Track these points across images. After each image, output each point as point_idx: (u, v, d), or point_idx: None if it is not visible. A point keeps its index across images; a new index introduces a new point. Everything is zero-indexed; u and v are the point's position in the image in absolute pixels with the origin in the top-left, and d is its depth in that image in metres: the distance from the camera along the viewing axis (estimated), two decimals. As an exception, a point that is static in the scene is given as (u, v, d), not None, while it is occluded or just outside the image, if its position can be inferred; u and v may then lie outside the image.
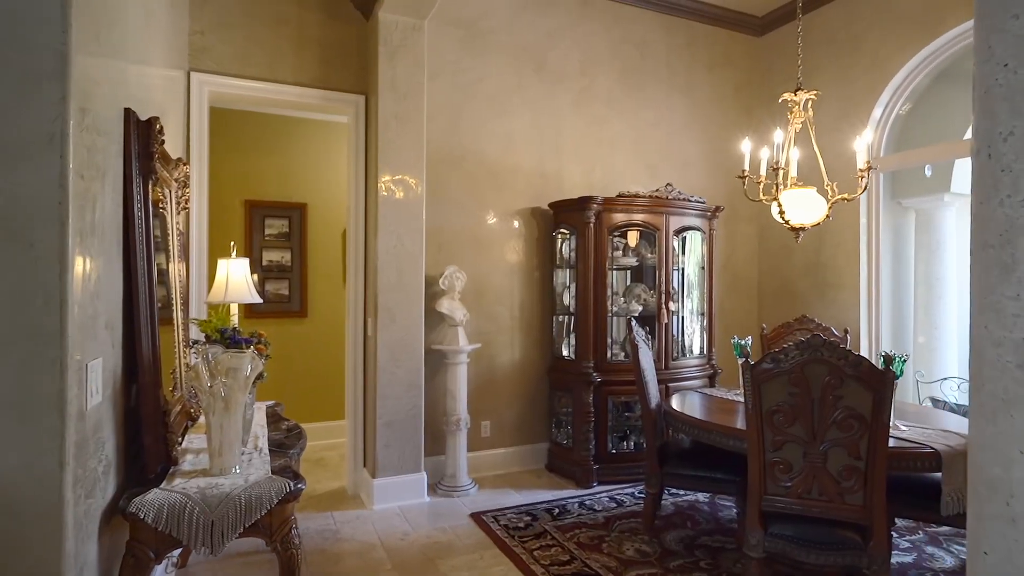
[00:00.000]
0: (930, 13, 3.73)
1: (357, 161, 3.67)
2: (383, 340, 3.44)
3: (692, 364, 4.10)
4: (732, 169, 4.86)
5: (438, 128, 3.82)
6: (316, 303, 4.89)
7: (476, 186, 3.96)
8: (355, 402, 3.70)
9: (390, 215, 3.44)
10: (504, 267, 4.06)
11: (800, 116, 2.87)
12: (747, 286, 4.97)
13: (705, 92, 4.77)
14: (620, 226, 3.90)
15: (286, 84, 3.41)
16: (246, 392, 1.78)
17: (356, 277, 3.70)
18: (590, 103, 4.32)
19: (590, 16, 4.31)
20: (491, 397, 4.02)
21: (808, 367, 2.07)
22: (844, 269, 4.30)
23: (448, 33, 3.87)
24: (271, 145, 4.72)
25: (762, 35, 4.96)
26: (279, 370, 4.28)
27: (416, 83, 3.46)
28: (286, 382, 4.58)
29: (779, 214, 2.82)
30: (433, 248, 3.78)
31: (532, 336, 4.15)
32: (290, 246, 4.81)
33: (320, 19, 3.50)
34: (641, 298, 4.11)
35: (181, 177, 2.32)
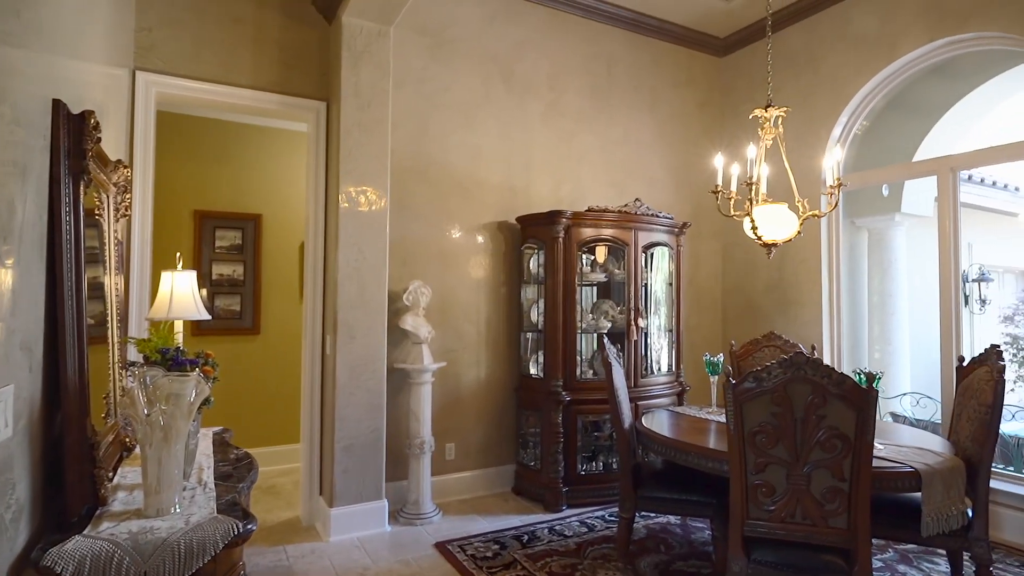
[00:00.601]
0: (886, 38, 3.85)
1: (317, 170, 3.49)
2: (343, 358, 3.24)
3: (660, 382, 4.04)
4: (696, 186, 4.89)
5: (403, 137, 3.69)
6: (270, 319, 4.63)
7: (442, 198, 3.83)
8: (311, 425, 3.47)
9: (352, 227, 3.27)
10: (471, 282, 3.93)
11: (771, 132, 2.87)
12: (711, 303, 4.98)
13: (670, 109, 4.80)
14: (589, 241, 3.84)
15: (241, 87, 3.21)
16: (189, 420, 1.58)
17: (314, 292, 3.49)
18: (559, 117, 4.27)
19: (558, 30, 4.28)
20: (456, 418, 3.86)
21: (791, 386, 2.01)
22: (806, 286, 4.34)
23: (414, 41, 3.76)
24: (224, 153, 4.48)
25: (723, 56, 5.04)
26: (228, 392, 4.01)
27: (381, 90, 3.32)
28: (236, 405, 4.30)
29: (751, 230, 2.80)
30: (397, 262, 3.62)
31: (499, 354, 4.02)
32: (243, 259, 4.55)
33: (280, 20, 3.33)
34: (609, 315, 4.04)
35: (121, 181, 2.11)
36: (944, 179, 3.69)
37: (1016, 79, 4.17)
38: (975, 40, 3.47)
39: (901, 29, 3.76)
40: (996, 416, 2.32)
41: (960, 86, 4.59)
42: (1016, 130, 4.69)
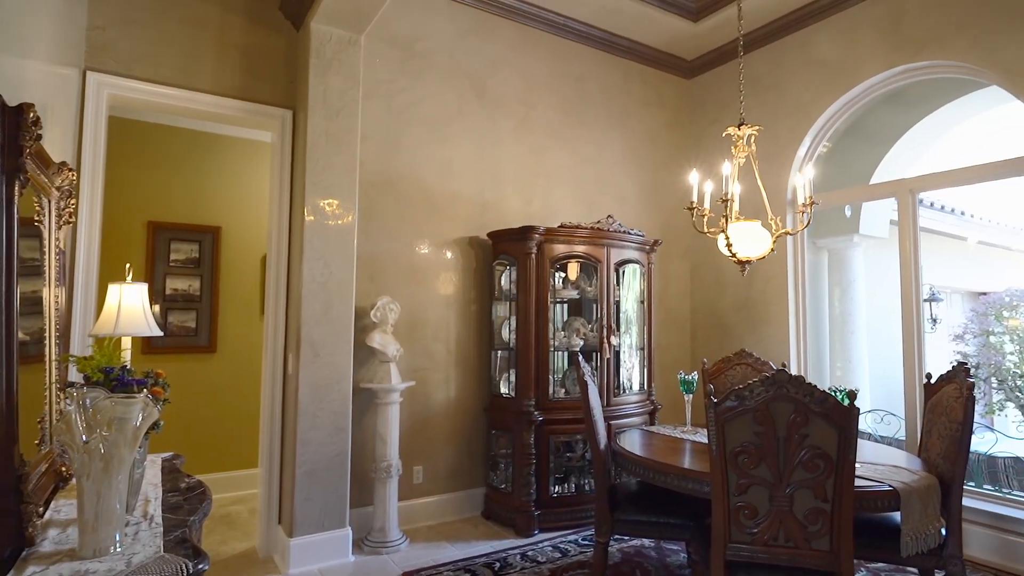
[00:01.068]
0: (847, 64, 3.97)
1: (281, 181, 3.35)
2: (306, 378, 3.08)
3: (633, 401, 3.99)
4: (665, 205, 4.93)
5: (373, 149, 3.59)
6: (228, 337, 4.41)
7: (412, 212, 3.73)
8: (271, 449, 3.28)
9: (318, 241, 3.14)
10: (441, 299, 3.82)
11: (743, 150, 2.89)
12: (680, 321, 4.99)
13: (640, 128, 4.84)
14: (561, 257, 3.79)
15: (202, 92, 3.07)
16: (135, 446, 1.43)
17: (276, 308, 3.33)
18: (530, 133, 4.24)
19: (531, 46, 4.27)
20: (425, 439, 3.71)
21: (773, 404, 1.97)
22: (774, 305, 4.39)
23: (385, 52, 3.68)
24: (182, 162, 4.28)
25: (691, 78, 5.13)
26: (181, 415, 3.78)
27: (350, 100, 3.22)
28: (189, 428, 4.06)
29: (726, 247, 2.79)
30: (364, 277, 3.49)
31: (469, 372, 3.90)
32: (199, 273, 4.33)
33: (244, 24, 3.21)
34: (581, 332, 3.99)
35: (66, 185, 1.94)
36: (904, 200, 3.80)
37: (964, 107, 4.36)
38: (930, 68, 3.61)
39: (861, 56, 3.89)
40: (967, 433, 2.34)
41: (912, 114, 4.78)
42: (966, 155, 4.89)
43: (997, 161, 3.38)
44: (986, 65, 3.30)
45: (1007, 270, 8.25)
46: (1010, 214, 7.87)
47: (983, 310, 6.46)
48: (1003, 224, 7.87)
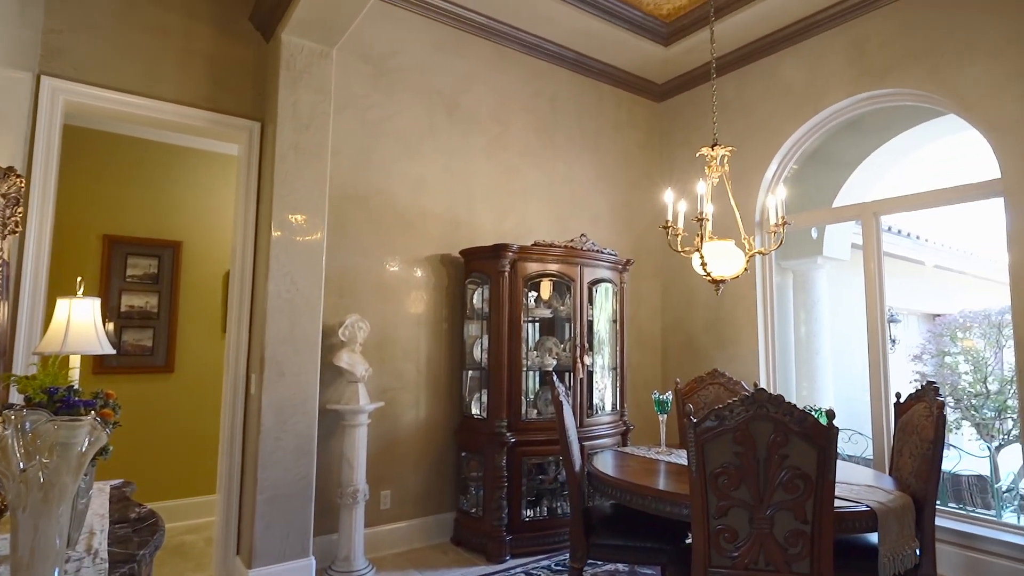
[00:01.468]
0: (813, 90, 4.09)
1: (247, 195, 3.24)
2: (269, 399, 2.95)
3: (605, 421, 3.95)
4: (637, 225, 4.97)
5: (343, 164, 3.51)
6: (186, 356, 4.21)
7: (383, 229, 3.66)
8: (230, 474, 3.11)
9: (285, 256, 3.03)
10: (411, 317, 3.73)
11: (717, 170, 2.91)
12: (652, 341, 5.00)
13: (612, 149, 4.88)
14: (535, 276, 3.75)
15: (165, 101, 2.96)
16: (79, 474, 1.31)
17: (239, 326, 3.19)
18: (503, 151, 4.23)
19: (504, 65, 4.28)
20: (393, 463, 3.59)
21: (753, 424, 1.95)
22: (743, 325, 4.43)
23: (357, 67, 3.63)
24: (142, 174, 4.11)
25: (661, 100, 5.23)
26: (133, 438, 3.58)
27: (321, 113, 3.15)
28: (142, 452, 3.84)
29: (701, 266, 2.80)
30: (333, 294, 3.38)
31: (440, 393, 3.81)
32: (158, 290, 4.14)
33: (212, 34, 3.12)
34: (553, 352, 3.94)
35: (12, 192, 1.82)
36: (868, 223, 3.90)
37: (922, 134, 4.54)
38: (892, 95, 3.74)
39: (826, 82, 4.01)
40: (938, 452, 2.36)
41: (872, 140, 4.95)
42: (924, 181, 5.08)
43: (957, 186, 3.51)
44: (943, 94, 3.44)
45: (960, 293, 8.58)
46: (963, 239, 8.21)
47: (939, 331, 6.68)
48: (956, 249, 8.20)
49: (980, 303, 7.24)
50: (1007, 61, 3.21)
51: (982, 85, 3.30)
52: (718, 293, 2.89)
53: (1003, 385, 6.07)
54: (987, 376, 6.13)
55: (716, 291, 2.87)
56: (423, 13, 3.89)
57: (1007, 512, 3.60)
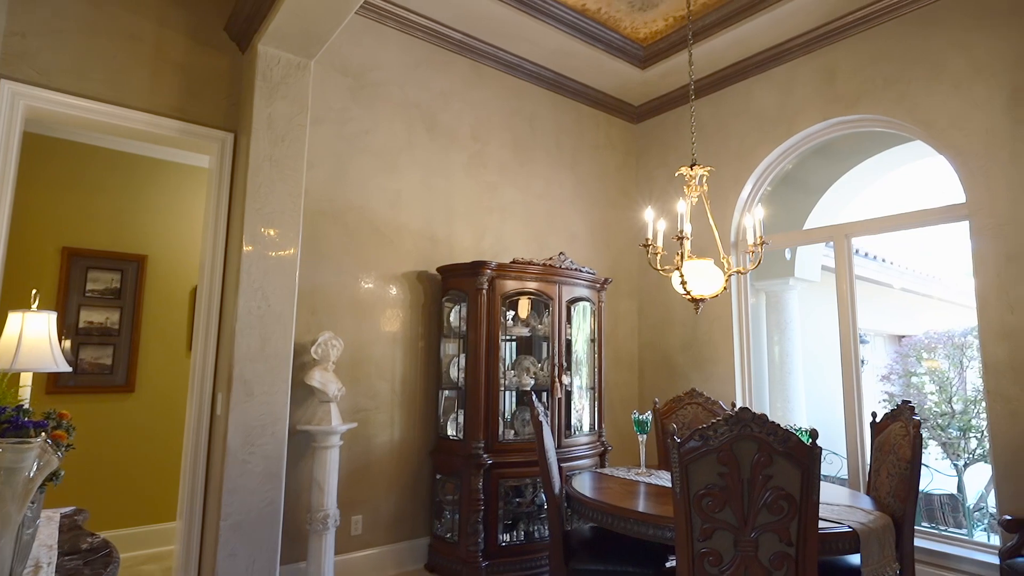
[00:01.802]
0: (785, 114, 4.18)
1: (218, 208, 3.14)
2: (236, 419, 2.82)
3: (583, 442, 3.90)
4: (614, 244, 4.98)
5: (320, 178, 3.44)
6: (148, 375, 4.03)
7: (359, 244, 3.58)
8: (192, 499, 2.96)
9: (256, 271, 2.93)
10: (386, 335, 3.64)
11: (696, 190, 2.93)
12: (629, 360, 4.99)
13: (590, 169, 4.91)
14: (513, 294, 3.71)
15: (135, 109, 2.86)
16: (25, 501, 1.20)
17: (206, 344, 3.06)
18: (482, 168, 4.21)
19: (483, 82, 4.29)
20: (366, 486, 3.47)
21: (737, 444, 1.92)
22: (720, 344, 4.45)
23: (335, 80, 3.58)
24: (106, 184, 3.97)
25: (637, 122, 5.29)
26: (88, 462, 3.40)
27: (297, 125, 3.08)
28: (98, 477, 3.64)
29: (681, 284, 2.79)
30: (306, 311, 3.28)
31: (415, 413, 3.71)
32: (120, 305, 3.97)
33: (186, 43, 3.05)
34: (531, 371, 3.89)
35: (-38, 199, 1.71)
36: (840, 244, 3.97)
37: (891, 159, 4.68)
38: (862, 121, 3.85)
39: (798, 107, 4.11)
40: (916, 471, 2.37)
41: (840, 166, 5.09)
42: (892, 204, 5.23)
43: (924, 209, 3.60)
44: (911, 121, 3.55)
45: (923, 314, 8.83)
46: (926, 262, 8.47)
47: (906, 351, 6.84)
48: (920, 272, 8.45)
49: (943, 325, 7.46)
50: (970, 91, 3.33)
51: (947, 113, 3.41)
52: (698, 312, 2.88)
53: (967, 405, 6.22)
54: (952, 396, 6.28)
55: (696, 310, 2.87)
56: (402, 29, 3.88)
57: (978, 531, 3.65)
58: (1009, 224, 3.17)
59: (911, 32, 3.60)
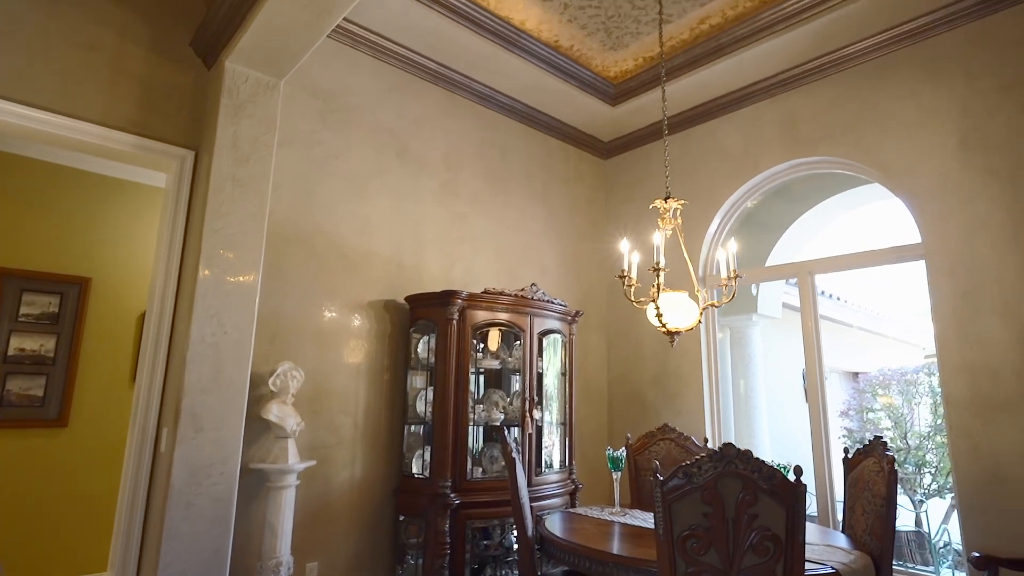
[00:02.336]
0: (750, 154, 4.30)
1: (174, 228, 2.97)
2: (183, 457, 2.59)
3: (554, 480, 3.77)
4: (583, 277, 4.97)
5: (286, 201, 3.31)
6: (85, 408, 3.73)
7: (325, 271, 3.43)
8: (127, 547, 2.69)
9: (213, 296, 2.75)
10: (350, 366, 3.47)
11: (670, 223, 2.93)
12: (598, 394, 4.92)
13: (560, 202, 4.91)
14: (483, 325, 3.61)
15: (87, 122, 2.69)
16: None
17: (152, 373, 2.84)
18: (453, 198, 4.15)
19: (456, 111, 4.26)
20: (322, 529, 3.23)
21: (722, 481, 1.86)
22: (689, 378, 4.44)
23: (305, 102, 3.49)
24: (48, 200, 3.72)
25: (606, 158, 5.36)
26: (9, 505, 3.06)
27: (263, 145, 2.96)
28: (19, 522, 3.29)
29: (656, 317, 2.76)
30: (264, 340, 3.10)
31: (378, 450, 3.52)
32: (57, 331, 3.69)
33: (146, 56, 2.91)
34: (500, 405, 3.77)
35: None
36: (803, 281, 4.05)
37: (849, 200, 4.86)
38: (823, 163, 3.98)
39: (763, 148, 4.23)
40: (892, 509, 2.35)
41: (799, 206, 5.27)
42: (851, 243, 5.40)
43: (884, 248, 3.71)
44: (869, 163, 3.68)
45: (875, 352, 9.12)
46: (877, 302, 8.79)
47: (862, 388, 7.00)
48: (872, 310, 8.76)
49: (894, 362, 7.70)
50: (923, 137, 3.49)
51: (902, 157, 3.56)
52: (673, 345, 2.85)
53: (921, 440, 6.38)
54: (907, 432, 6.43)
55: (671, 343, 2.83)
56: (375, 55, 3.84)
57: (944, 568, 3.66)
58: (962, 263, 3.28)
59: (866, 81, 3.78)
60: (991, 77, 3.27)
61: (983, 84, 3.30)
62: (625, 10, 3.82)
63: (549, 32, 4.00)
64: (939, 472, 6.16)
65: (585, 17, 3.88)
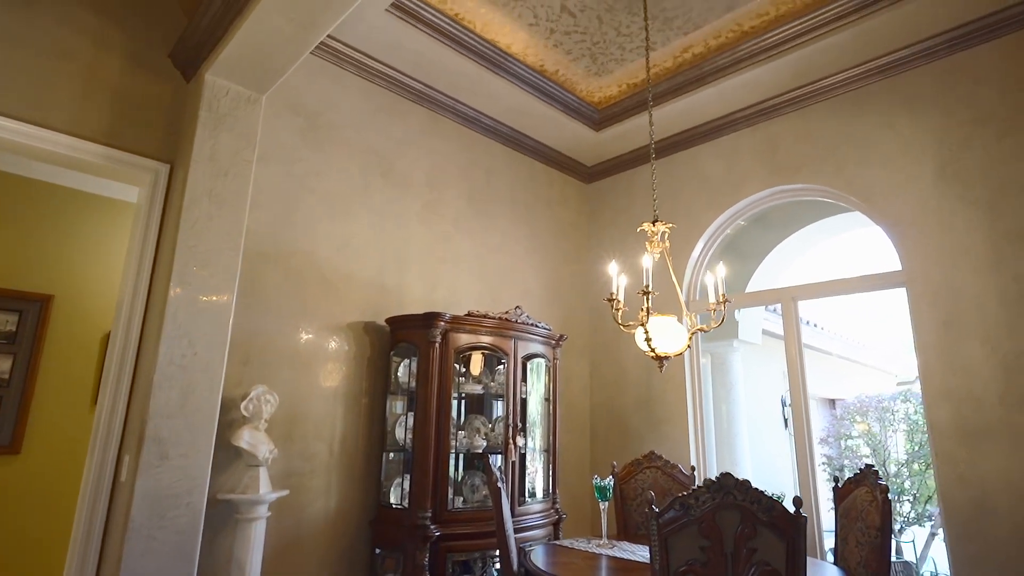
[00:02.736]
0: (731, 181, 4.34)
1: (145, 244, 2.83)
2: (145, 486, 2.42)
3: (537, 510, 3.64)
4: (566, 301, 4.92)
5: (263, 218, 3.20)
6: (40, 433, 3.51)
7: (303, 291, 3.32)
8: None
9: (184, 316, 2.62)
10: (327, 390, 3.34)
11: (658, 246, 2.91)
12: (580, 421, 4.83)
13: (544, 225, 4.89)
14: (467, 348, 3.52)
15: (56, 131, 2.57)
16: None
17: (115, 397, 2.68)
18: (437, 219, 4.09)
19: (441, 133, 4.23)
20: (294, 564, 3.06)
21: (720, 513, 1.78)
22: (674, 404, 4.38)
23: (287, 119, 3.42)
24: (7, 214, 3.55)
25: (589, 183, 5.37)
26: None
27: (243, 160, 2.87)
28: (-40, 557, 3.05)
29: (645, 341, 2.70)
30: (237, 362, 2.96)
31: (355, 478, 3.37)
32: (13, 352, 3.48)
33: (123, 66, 2.81)
34: (482, 431, 3.66)
35: None
36: (787, 307, 4.06)
37: (826, 227, 4.94)
38: (804, 190, 4.02)
39: (744, 175, 4.27)
40: (887, 540, 2.30)
41: (777, 234, 5.33)
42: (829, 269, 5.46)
43: (865, 275, 3.74)
44: (849, 191, 3.73)
45: (850, 379, 9.23)
46: (852, 330, 8.92)
47: (841, 415, 7.04)
48: (847, 338, 8.87)
49: (868, 389, 7.78)
50: (901, 166, 3.55)
51: (881, 186, 3.61)
52: (662, 370, 2.79)
53: (899, 468, 6.41)
54: (885, 459, 6.45)
55: (660, 368, 2.77)
56: (360, 74, 3.79)
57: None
58: (943, 291, 3.32)
59: (844, 111, 3.85)
60: (965, 110, 3.36)
61: (958, 117, 3.38)
62: (610, 37, 3.85)
63: (535, 56, 4.01)
64: (917, 500, 6.18)
65: (571, 43, 3.90)
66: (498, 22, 3.67)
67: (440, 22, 3.55)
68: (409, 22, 3.47)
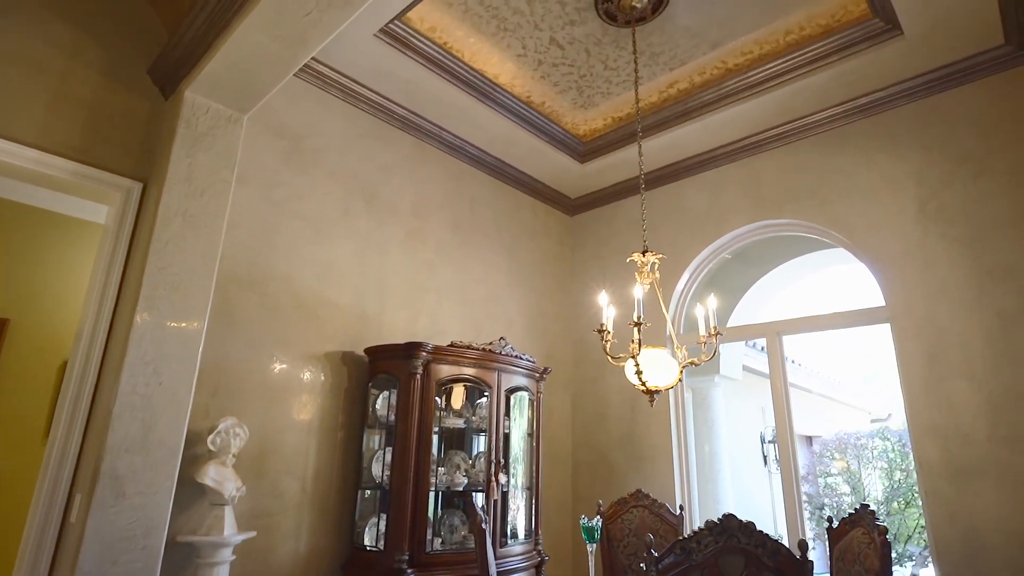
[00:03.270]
0: (714, 215, 4.36)
1: (111, 266, 2.68)
2: (97, 528, 2.22)
3: (519, 552, 3.47)
4: (549, 334, 4.83)
5: (241, 241, 3.07)
6: (-16, 469, 3.24)
7: (279, 318, 3.17)
8: (17, 640, 2.24)
9: (149, 342, 2.46)
10: (301, 424, 3.16)
11: (648, 277, 2.86)
12: (563, 457, 4.69)
13: (527, 256, 4.83)
14: (448, 380, 3.39)
15: (22, 144, 2.43)
16: None
17: (70, 430, 2.48)
18: (420, 247, 4.00)
19: (426, 161, 4.18)
20: (258, 612, 2.83)
21: (723, 557, 1.68)
22: (658, 441, 4.29)
23: (268, 141, 3.32)
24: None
25: (573, 215, 5.36)
26: None
27: (221, 180, 2.76)
28: None
29: (635, 374, 2.62)
30: (205, 392, 2.79)
31: (328, 518, 3.17)
32: (-40, 379, 3.24)
33: (98, 80, 2.71)
34: (462, 468, 3.50)
35: None
36: (772, 342, 4.03)
37: (808, 262, 4.97)
38: (788, 225, 4.05)
39: (728, 209, 4.30)
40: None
41: (758, 269, 5.36)
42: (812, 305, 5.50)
43: (849, 311, 3.75)
44: (832, 227, 3.77)
45: (825, 415, 9.25)
46: (827, 366, 8.99)
47: (820, 452, 7.02)
48: (823, 375, 8.93)
49: (844, 426, 7.80)
50: (883, 201, 3.60)
51: (864, 222, 3.65)
52: (652, 404, 2.71)
53: (878, 506, 6.37)
54: (865, 497, 6.41)
55: (650, 402, 2.69)
56: (345, 98, 3.74)
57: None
58: (927, 326, 3.33)
59: (827, 148, 3.92)
60: (945, 149, 3.44)
61: (938, 155, 3.45)
62: (597, 70, 3.88)
63: (522, 87, 4.02)
64: (897, 539, 6.13)
65: (558, 75, 3.92)
66: (486, 52, 3.67)
67: (428, 50, 3.53)
68: (397, 48, 3.44)
